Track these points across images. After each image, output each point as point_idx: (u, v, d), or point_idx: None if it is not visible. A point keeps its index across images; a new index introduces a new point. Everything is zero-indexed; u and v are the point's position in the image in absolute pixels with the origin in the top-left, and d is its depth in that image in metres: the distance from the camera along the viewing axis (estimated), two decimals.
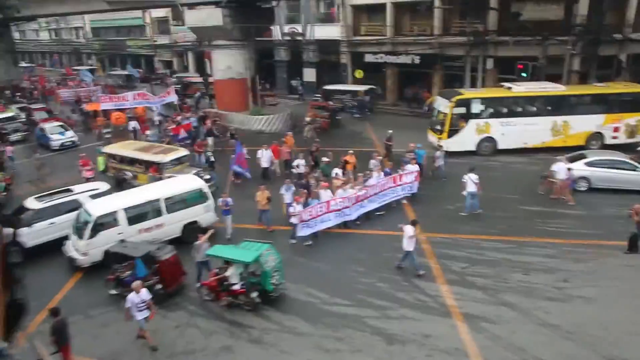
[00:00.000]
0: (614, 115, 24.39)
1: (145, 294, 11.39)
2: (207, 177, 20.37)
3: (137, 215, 15.70)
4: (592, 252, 15.10)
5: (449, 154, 23.73)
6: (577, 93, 25.15)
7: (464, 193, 17.85)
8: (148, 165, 20.65)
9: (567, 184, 18.86)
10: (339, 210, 16.60)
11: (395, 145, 23.65)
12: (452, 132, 24.35)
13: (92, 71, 56.13)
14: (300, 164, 20.86)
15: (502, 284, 13.60)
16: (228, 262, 13.07)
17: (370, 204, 17.68)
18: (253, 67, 33.65)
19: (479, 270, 14.32)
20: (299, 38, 41.58)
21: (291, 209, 16.07)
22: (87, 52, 69.00)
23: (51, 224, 16.41)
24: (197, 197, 16.95)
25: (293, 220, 15.84)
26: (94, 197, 16.96)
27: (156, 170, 20.23)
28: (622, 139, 24.60)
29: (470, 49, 32.15)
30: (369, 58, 38.25)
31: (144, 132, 29.05)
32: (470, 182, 17.66)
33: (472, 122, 24.32)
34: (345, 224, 17.09)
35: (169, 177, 19.52)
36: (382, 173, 18.89)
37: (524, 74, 28.12)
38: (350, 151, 21.17)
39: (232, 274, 12.88)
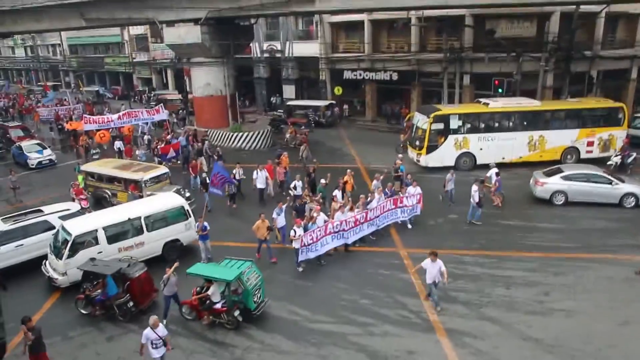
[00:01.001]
0: (588, 129, 24.94)
1: (162, 329, 10.78)
2: (188, 194, 20.24)
3: (117, 234, 15.49)
4: (570, 265, 15.32)
5: (428, 170, 24.03)
6: (552, 108, 25.59)
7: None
8: (127, 183, 20.42)
9: (494, 188, 20.09)
10: (337, 232, 16.10)
11: (375, 161, 23.68)
12: (431, 148, 24.62)
13: (55, 87, 55.44)
14: (297, 186, 20.06)
15: (484, 298, 13.69)
16: (209, 281, 12.95)
17: (369, 227, 17.15)
18: (232, 84, 33.62)
19: (461, 285, 14.41)
20: (278, 55, 42.03)
21: (292, 233, 15.48)
22: (64, 69, 68.33)
23: (18, 246, 15.99)
24: (178, 215, 16.80)
25: (294, 244, 15.35)
26: (64, 217, 16.60)
27: (135, 188, 20.04)
28: (596, 153, 25.15)
29: (446, 65, 32.68)
30: (347, 74, 38.59)
31: (128, 154, 28.07)
32: (475, 193, 18.23)
33: (451, 138, 24.61)
34: (345, 246, 16.65)
35: (150, 194, 19.35)
36: (382, 195, 18.17)
37: (500, 90, 28.69)
38: (349, 170, 20.73)
39: (214, 292, 12.76)
